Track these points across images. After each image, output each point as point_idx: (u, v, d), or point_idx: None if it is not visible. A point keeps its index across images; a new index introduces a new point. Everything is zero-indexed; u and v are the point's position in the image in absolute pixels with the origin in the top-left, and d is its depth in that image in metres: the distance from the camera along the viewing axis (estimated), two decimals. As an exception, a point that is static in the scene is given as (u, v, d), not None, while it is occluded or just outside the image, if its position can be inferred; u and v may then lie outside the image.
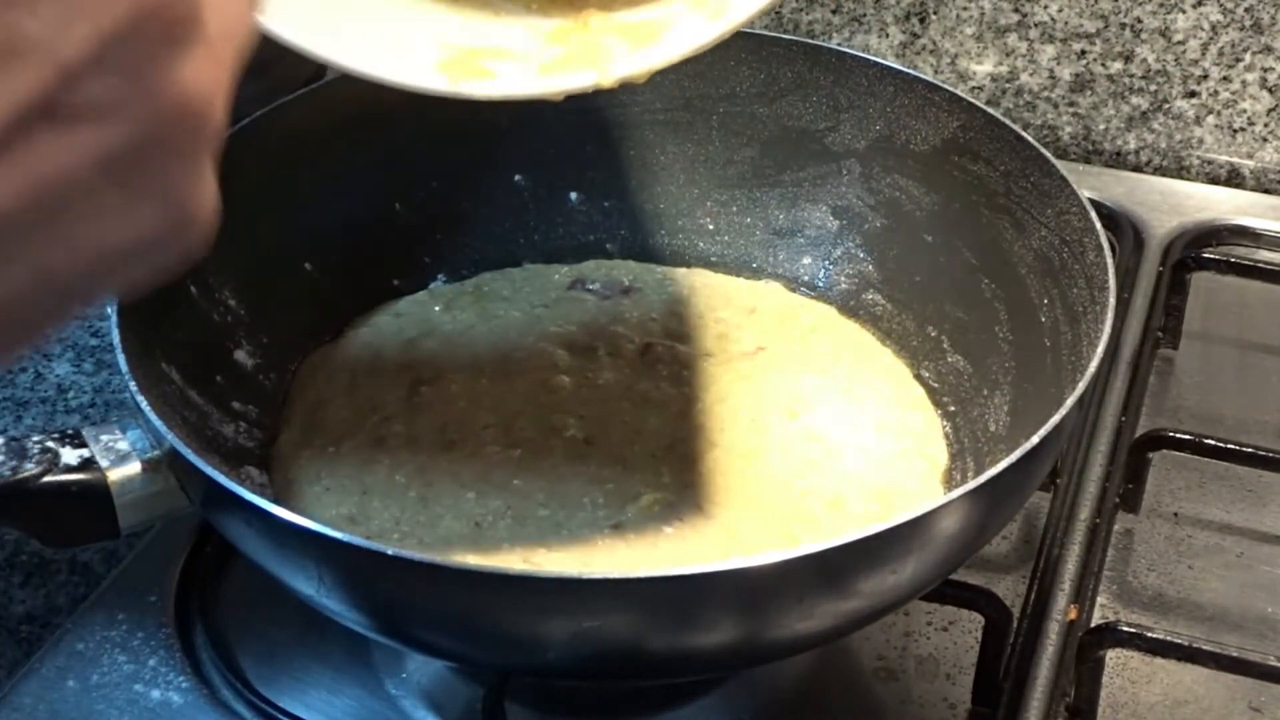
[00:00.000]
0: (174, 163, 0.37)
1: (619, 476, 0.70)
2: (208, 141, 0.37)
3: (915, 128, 0.79)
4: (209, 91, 0.37)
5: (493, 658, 0.61)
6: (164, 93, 0.36)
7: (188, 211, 0.38)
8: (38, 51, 0.34)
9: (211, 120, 0.37)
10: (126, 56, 0.35)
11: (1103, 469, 0.78)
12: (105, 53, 0.35)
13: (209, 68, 0.37)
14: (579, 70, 0.61)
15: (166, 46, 0.36)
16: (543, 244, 0.84)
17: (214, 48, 0.37)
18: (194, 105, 0.36)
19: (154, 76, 0.36)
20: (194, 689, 0.67)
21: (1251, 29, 0.99)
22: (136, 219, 0.37)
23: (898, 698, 0.68)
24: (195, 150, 0.37)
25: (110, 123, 0.35)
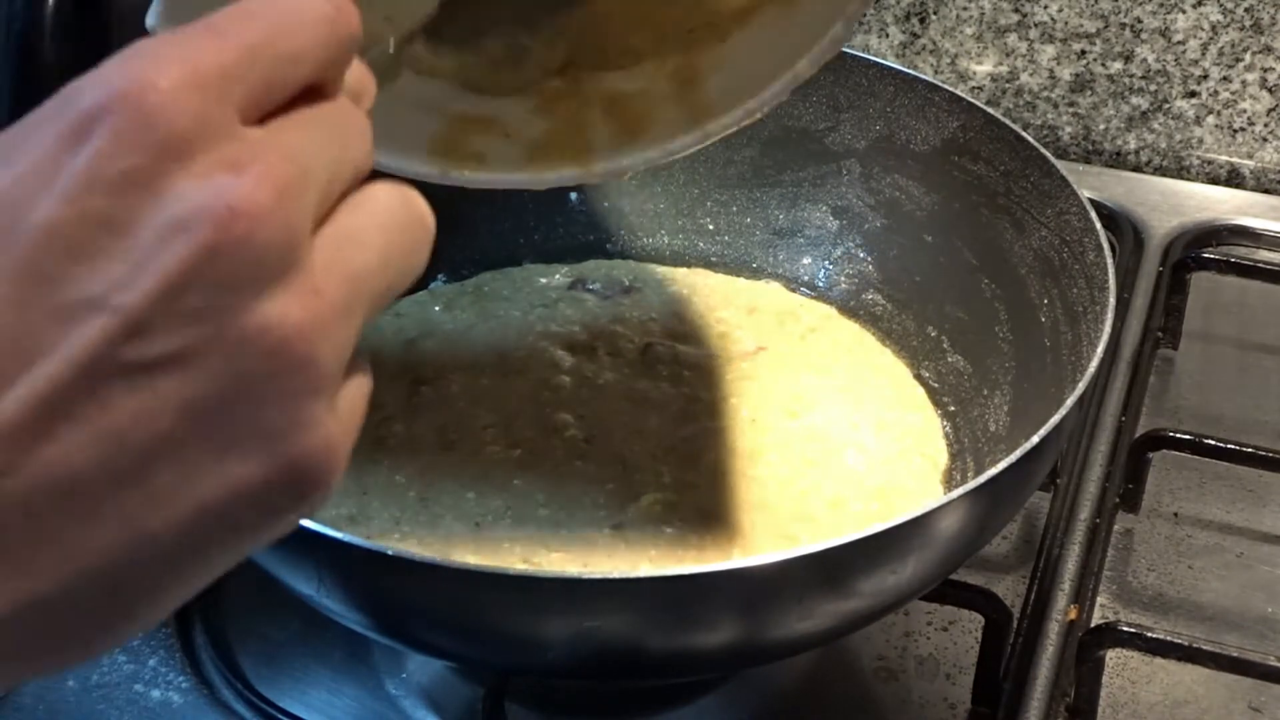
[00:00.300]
0: (267, 409, 0.35)
1: (619, 476, 0.70)
2: (311, 383, 0.35)
3: (915, 128, 0.79)
4: (303, 328, 0.34)
5: (493, 658, 0.61)
6: (245, 333, 0.34)
7: (298, 463, 0.35)
8: (95, 308, 0.33)
9: (312, 359, 0.35)
10: (199, 299, 0.33)
11: (1103, 469, 0.78)
12: (172, 298, 0.33)
13: (304, 302, 0.35)
14: (563, 164, 0.63)
15: (246, 284, 0.34)
16: (543, 244, 0.84)
17: (314, 280, 0.35)
18: (283, 344, 0.34)
19: (233, 317, 0.34)
20: (194, 689, 0.67)
21: (1251, 29, 0.99)
22: (235, 472, 0.35)
23: (898, 698, 0.68)
24: (294, 394, 0.35)
25: (187, 371, 0.34)
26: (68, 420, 0.33)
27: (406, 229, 0.39)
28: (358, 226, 0.37)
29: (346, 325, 0.36)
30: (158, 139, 0.34)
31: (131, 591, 0.35)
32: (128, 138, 0.33)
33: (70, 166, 0.33)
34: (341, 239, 0.37)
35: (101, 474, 0.34)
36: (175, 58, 0.35)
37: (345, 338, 0.36)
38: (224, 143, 0.34)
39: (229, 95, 0.35)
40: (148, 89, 0.34)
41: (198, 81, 0.34)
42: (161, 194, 0.33)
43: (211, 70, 0.35)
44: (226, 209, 0.33)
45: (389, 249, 0.38)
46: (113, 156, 0.33)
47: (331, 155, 0.37)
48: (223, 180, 0.34)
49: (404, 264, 0.39)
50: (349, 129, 0.38)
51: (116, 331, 0.33)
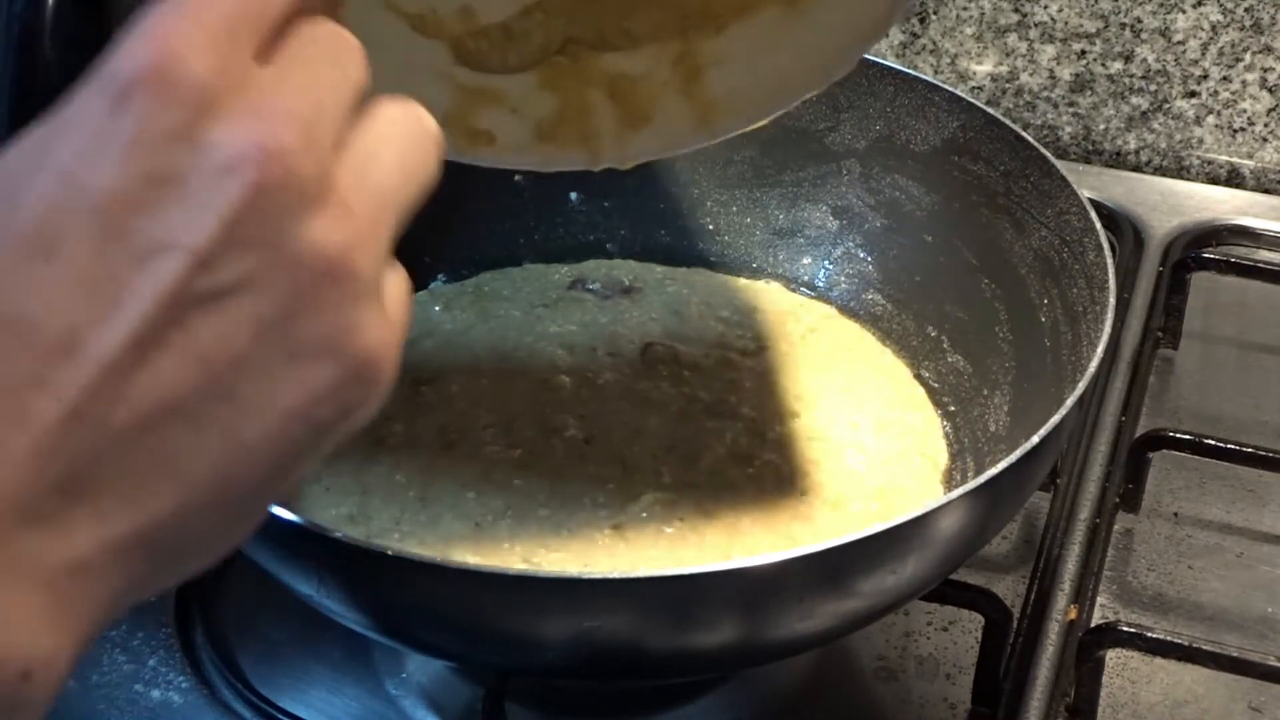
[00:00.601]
0: (325, 317, 0.39)
1: (619, 476, 0.70)
2: (359, 290, 0.39)
3: (915, 128, 0.79)
4: (344, 244, 0.39)
5: (493, 658, 0.61)
6: (296, 255, 0.38)
7: (359, 359, 0.40)
8: (168, 248, 0.37)
9: (355, 270, 0.39)
10: (253, 230, 0.38)
11: (1103, 469, 0.78)
12: (231, 232, 0.37)
13: (341, 223, 0.39)
14: (570, 147, 0.66)
15: (290, 213, 0.38)
16: (543, 244, 0.84)
17: (346, 202, 0.39)
18: (329, 260, 0.39)
19: (283, 243, 0.38)
20: (194, 689, 0.67)
21: (1251, 29, 0.99)
22: (307, 376, 0.39)
23: (898, 698, 0.68)
24: (345, 301, 0.39)
25: (253, 293, 0.38)
26: (159, 349, 0.37)
27: (417, 142, 0.43)
28: (372, 145, 0.41)
29: (378, 236, 0.40)
30: (190, 97, 0.38)
31: (237, 496, 0.39)
32: (165, 100, 0.38)
33: (119, 134, 0.37)
34: (360, 159, 0.41)
35: (196, 393, 0.37)
36: (189, 20, 0.39)
37: (379, 247, 0.40)
38: (245, 89, 0.39)
39: (239, 42, 0.39)
40: (173, 55, 0.38)
41: (211, 39, 0.38)
42: (203, 144, 0.38)
43: (220, 24, 0.39)
44: (262, 151, 0.38)
45: (404, 162, 0.42)
46: (154, 119, 0.37)
47: (334, 81, 0.41)
48: (252, 124, 0.38)
49: (419, 175, 0.43)
50: (341, 50, 0.42)
51: (189, 267, 0.37)
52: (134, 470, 0.37)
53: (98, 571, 0.37)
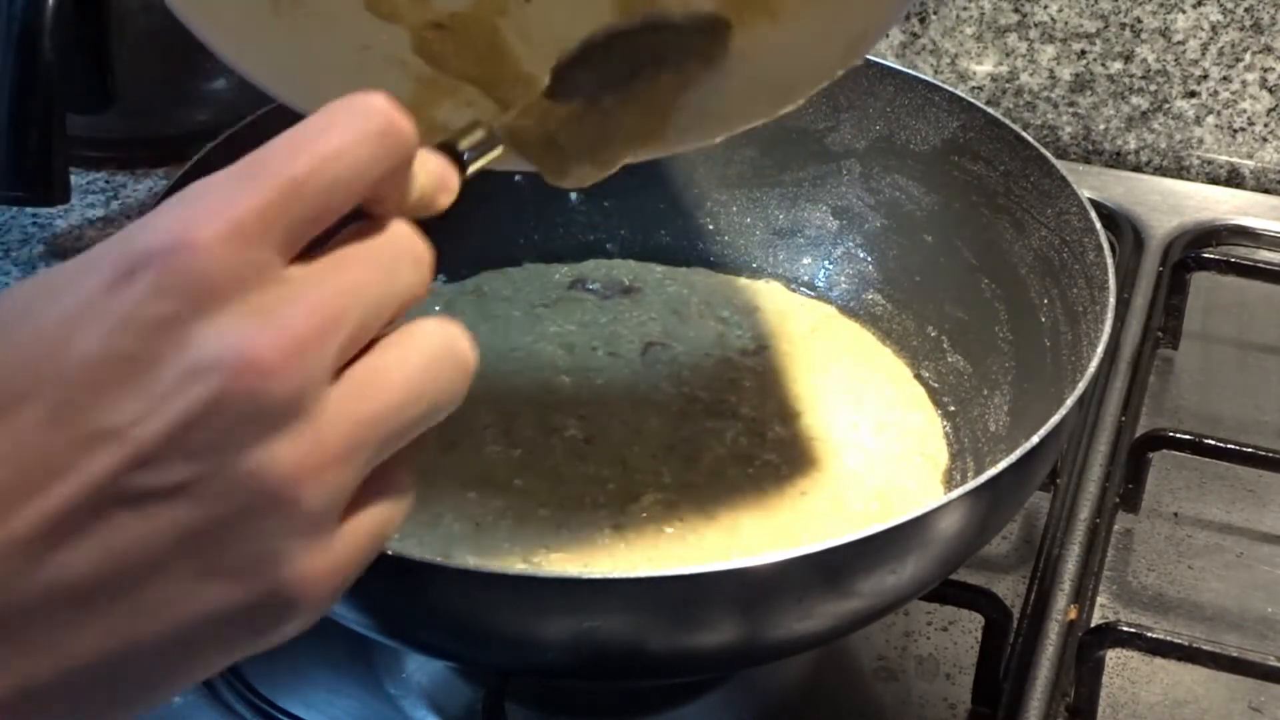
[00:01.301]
0: (251, 542, 0.38)
1: (619, 476, 0.70)
2: (298, 522, 0.38)
3: (915, 128, 0.79)
4: (294, 474, 0.38)
5: (493, 658, 0.61)
6: (238, 475, 0.37)
7: (275, 590, 0.39)
8: (113, 439, 0.37)
9: (299, 501, 0.38)
10: (202, 439, 0.37)
11: (1103, 469, 0.78)
12: (180, 437, 0.37)
13: (300, 449, 0.38)
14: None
15: (246, 430, 0.37)
16: (543, 244, 0.84)
17: (319, 429, 0.38)
18: (271, 487, 0.38)
19: (228, 459, 0.37)
20: (194, 689, 0.67)
21: (1251, 29, 0.99)
22: (217, 594, 0.38)
23: (898, 698, 0.68)
24: (278, 530, 0.38)
25: (184, 502, 0.37)
26: (76, 534, 0.37)
27: (439, 371, 0.42)
28: (386, 367, 0.40)
29: (345, 468, 0.39)
30: (192, 289, 0.37)
31: (122, 686, 0.39)
32: (165, 286, 0.37)
33: (111, 308, 0.37)
34: (365, 380, 0.39)
35: (101, 584, 0.37)
36: (217, 206, 0.38)
37: (341, 480, 0.39)
38: (258, 290, 0.38)
39: (269, 238, 0.38)
40: (188, 242, 0.37)
41: (235, 231, 0.37)
42: (187, 340, 0.37)
43: (250, 216, 0.38)
44: (239, 361, 0.37)
45: (413, 391, 0.41)
46: (149, 302, 0.37)
47: (374, 294, 0.40)
48: (244, 331, 0.37)
49: (429, 404, 0.42)
50: (399, 261, 0.41)
51: (126, 461, 0.37)
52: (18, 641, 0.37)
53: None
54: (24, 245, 0.92)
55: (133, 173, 0.98)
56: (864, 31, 0.62)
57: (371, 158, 0.40)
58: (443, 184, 0.45)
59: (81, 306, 0.37)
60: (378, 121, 0.40)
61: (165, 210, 0.38)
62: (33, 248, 0.92)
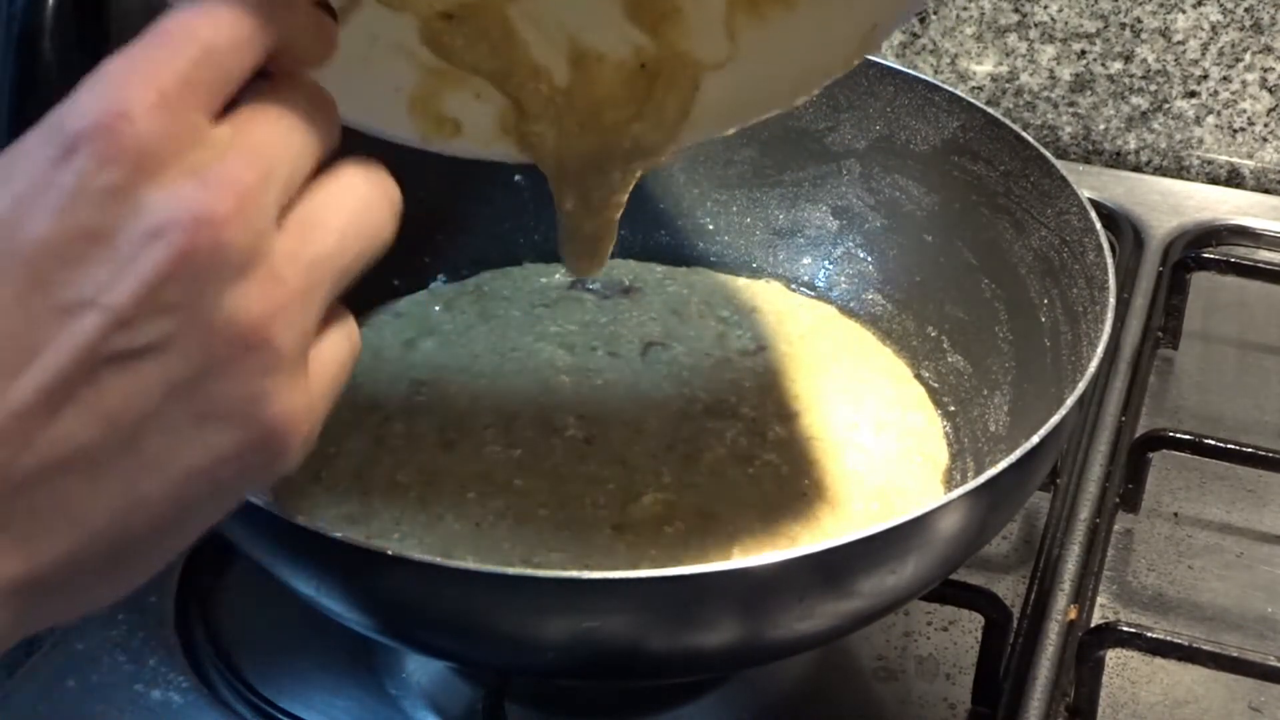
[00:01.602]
0: (236, 384, 0.40)
1: (619, 476, 0.70)
2: (274, 360, 0.40)
3: (915, 128, 0.79)
4: (264, 314, 0.40)
5: (493, 658, 0.61)
6: (213, 323, 0.39)
7: (265, 427, 0.40)
8: (88, 306, 0.38)
9: (272, 341, 0.40)
10: (174, 295, 0.38)
11: (1103, 469, 0.78)
12: (151, 296, 0.38)
13: (264, 293, 0.40)
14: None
15: (212, 281, 0.39)
16: (543, 244, 0.84)
17: (276, 272, 0.40)
18: (245, 330, 0.39)
19: (202, 309, 0.39)
20: (194, 689, 0.67)
21: (1251, 29, 0.99)
22: (212, 438, 0.40)
23: (898, 698, 0.68)
24: (258, 370, 0.40)
25: (167, 356, 0.39)
26: (69, 402, 0.38)
27: (369, 208, 0.43)
28: (320, 210, 0.42)
29: (307, 305, 0.41)
30: (132, 157, 0.38)
31: (133, 547, 0.40)
32: (105, 158, 0.38)
33: (58, 186, 0.38)
34: (305, 223, 0.41)
35: (101, 446, 0.39)
36: (141, 78, 0.39)
37: (306, 316, 0.41)
38: (191, 150, 0.39)
39: (192, 101, 0.40)
40: (121, 113, 0.38)
41: (162, 99, 0.39)
42: (138, 205, 0.38)
43: (173, 83, 0.39)
44: (193, 218, 0.38)
45: (349, 229, 0.42)
46: (93, 175, 0.38)
47: (295, 144, 0.42)
48: (191, 190, 0.39)
49: (365, 242, 0.43)
50: (310, 112, 0.43)
51: (105, 325, 0.38)
52: (32, 515, 0.38)
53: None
54: (24, 245, 0.92)
55: (133, 173, 0.98)
56: (877, 24, 0.62)
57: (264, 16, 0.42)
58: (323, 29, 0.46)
59: (28, 189, 0.38)
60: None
61: (89, 89, 0.39)
62: (33, 248, 0.92)
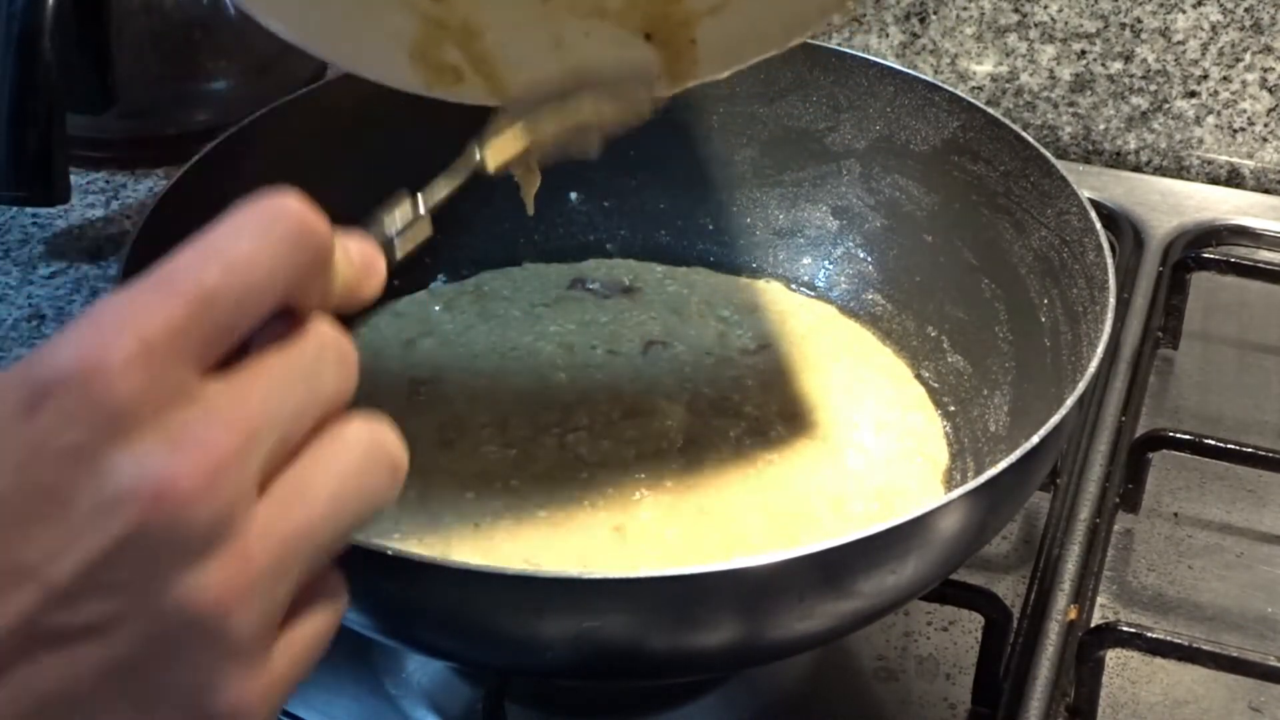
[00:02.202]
0: (182, 673, 0.36)
1: (619, 477, 0.70)
2: (229, 647, 0.37)
3: (915, 128, 0.79)
4: (220, 599, 0.36)
5: (493, 658, 0.61)
6: (162, 607, 0.36)
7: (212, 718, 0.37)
8: (28, 577, 0.35)
9: (228, 627, 0.36)
10: (121, 573, 0.35)
11: (1103, 469, 0.78)
12: (95, 572, 0.35)
13: (225, 574, 0.36)
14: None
15: (167, 560, 0.35)
16: (543, 244, 0.84)
17: (243, 550, 0.36)
18: (199, 614, 0.36)
19: (150, 591, 0.35)
20: (194, 689, 0.67)
21: (1251, 29, 0.99)
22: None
23: (898, 698, 0.68)
24: (209, 658, 0.36)
25: (107, 639, 0.35)
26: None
27: (367, 475, 0.40)
28: (312, 477, 0.39)
29: (273, 587, 0.37)
30: (100, 416, 0.35)
31: None
32: (73, 414, 0.35)
33: (20, 438, 0.35)
34: (291, 493, 0.38)
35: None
36: (125, 325, 0.36)
37: (270, 599, 0.37)
38: (172, 410, 0.36)
39: (182, 354, 0.36)
40: (96, 365, 0.35)
41: (145, 351, 0.35)
42: (100, 469, 0.35)
43: (161, 334, 0.36)
44: (154, 491, 0.35)
45: (341, 499, 0.39)
46: (58, 431, 0.35)
47: (293, 403, 0.38)
48: (159, 458, 0.35)
49: (356, 510, 0.40)
50: (321, 364, 0.40)
51: (42, 600, 0.35)
52: None
53: None
54: (24, 245, 0.92)
55: (133, 173, 0.98)
56: None
57: (285, 262, 0.38)
58: (368, 270, 0.43)
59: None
60: (289, 225, 0.39)
61: (72, 331, 0.36)
62: (33, 248, 0.92)
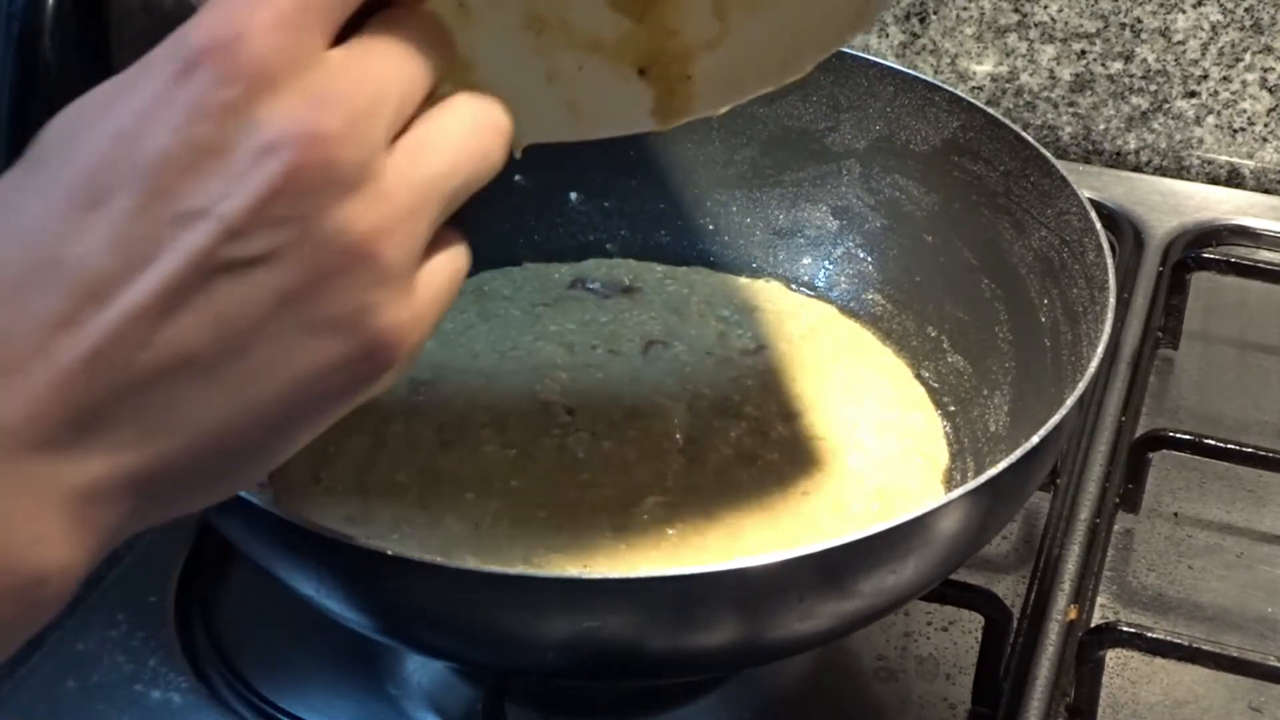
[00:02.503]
0: (344, 296, 0.41)
1: (619, 477, 0.70)
2: (381, 274, 0.41)
3: (915, 128, 0.79)
4: (372, 229, 0.41)
5: (493, 658, 0.61)
6: (323, 236, 0.40)
7: (371, 339, 0.42)
8: (203, 217, 0.40)
9: (380, 255, 0.41)
10: (285, 208, 0.40)
11: (1103, 469, 0.78)
12: (264, 208, 0.40)
13: (373, 209, 0.41)
14: None
15: (324, 195, 0.40)
16: (543, 244, 0.84)
17: (385, 190, 0.41)
18: (354, 244, 0.41)
19: (313, 223, 0.40)
20: (194, 689, 0.67)
21: (1251, 29, 0.99)
22: (319, 348, 0.41)
23: (898, 698, 0.68)
24: (366, 283, 0.41)
25: (277, 266, 0.40)
26: (183, 307, 0.40)
27: (478, 134, 0.45)
28: (430, 135, 0.43)
29: (414, 223, 0.42)
30: (249, 75, 0.40)
31: (242, 449, 0.42)
32: (225, 75, 0.40)
33: (179, 100, 0.40)
34: (415, 147, 0.43)
35: (214, 350, 0.40)
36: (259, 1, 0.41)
37: (414, 234, 0.42)
38: (307, 71, 0.41)
39: (309, 24, 0.41)
40: (239, 33, 0.40)
41: (279, 19, 0.40)
42: (254, 121, 0.40)
43: (290, 5, 0.41)
44: (306, 135, 0.40)
45: (458, 153, 0.44)
46: (212, 91, 0.40)
47: (406, 71, 0.43)
48: (304, 108, 0.40)
49: (474, 166, 0.45)
50: (422, 40, 0.44)
51: (219, 235, 0.40)
52: (147, 413, 0.40)
53: (107, 498, 0.40)
54: (24, 245, 0.92)
55: (133, 173, 0.98)
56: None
57: None
58: None
59: (150, 104, 0.40)
60: None
61: (209, 9, 0.41)
62: (33, 248, 0.92)
